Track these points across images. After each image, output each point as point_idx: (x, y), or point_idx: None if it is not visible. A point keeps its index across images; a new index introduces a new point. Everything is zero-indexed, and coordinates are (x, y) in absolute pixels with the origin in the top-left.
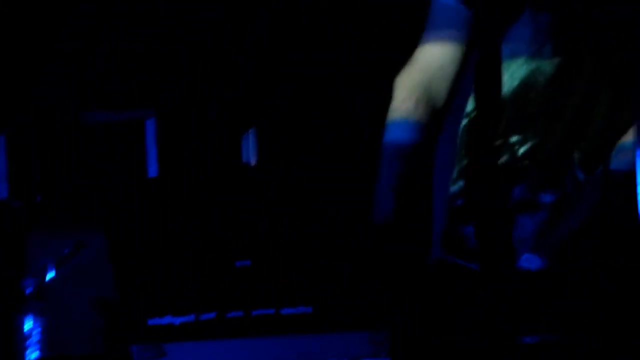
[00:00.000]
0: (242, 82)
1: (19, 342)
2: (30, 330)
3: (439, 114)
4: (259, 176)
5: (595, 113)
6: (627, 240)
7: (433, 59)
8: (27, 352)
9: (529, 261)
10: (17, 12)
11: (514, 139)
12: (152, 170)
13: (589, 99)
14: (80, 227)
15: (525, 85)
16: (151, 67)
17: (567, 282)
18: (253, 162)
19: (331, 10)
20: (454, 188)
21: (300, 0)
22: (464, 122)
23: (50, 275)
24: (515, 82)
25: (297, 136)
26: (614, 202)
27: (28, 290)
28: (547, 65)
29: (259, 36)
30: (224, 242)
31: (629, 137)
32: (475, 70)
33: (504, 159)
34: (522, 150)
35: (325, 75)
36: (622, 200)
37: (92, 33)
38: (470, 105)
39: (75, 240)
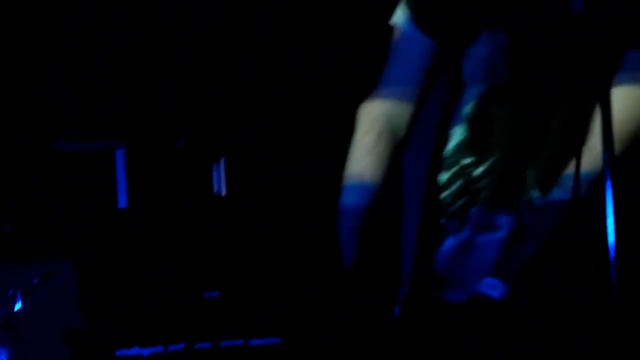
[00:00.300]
0: (215, 108)
1: None
2: None
3: (399, 145)
4: (229, 207)
5: (549, 132)
6: (580, 267)
7: (392, 103)
8: None
9: (492, 287)
10: None
11: (467, 160)
12: (122, 200)
13: (543, 118)
14: (49, 258)
15: (480, 105)
16: (121, 96)
17: (530, 310)
18: (223, 192)
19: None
20: None
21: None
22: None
23: (18, 305)
24: (471, 103)
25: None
26: (565, 229)
27: None
28: (502, 86)
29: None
30: (193, 272)
31: (573, 169)
32: (441, 97)
33: (459, 182)
34: (477, 171)
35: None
36: (570, 229)
37: (61, 62)
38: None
39: (44, 270)
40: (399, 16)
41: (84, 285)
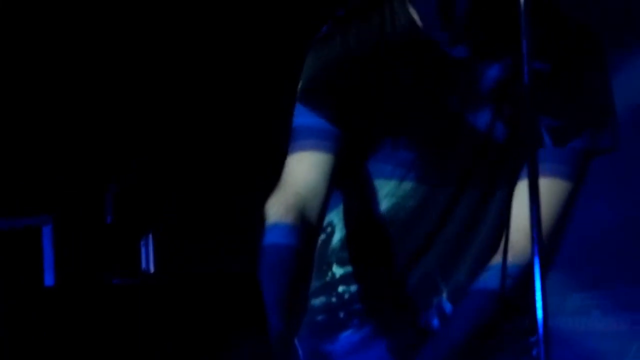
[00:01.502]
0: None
1: None
2: None
3: (313, 234)
4: (157, 284)
5: (455, 234)
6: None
7: (304, 179)
8: None
9: None
10: None
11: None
12: (49, 278)
13: (446, 219)
14: None
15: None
16: (48, 171)
17: None
18: (152, 269)
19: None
20: (315, 301)
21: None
22: (322, 236)
23: None
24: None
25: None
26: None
27: None
28: (412, 190)
29: None
30: (120, 350)
31: (497, 259)
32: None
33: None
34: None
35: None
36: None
37: None
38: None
39: None
40: (297, 115)
41: None
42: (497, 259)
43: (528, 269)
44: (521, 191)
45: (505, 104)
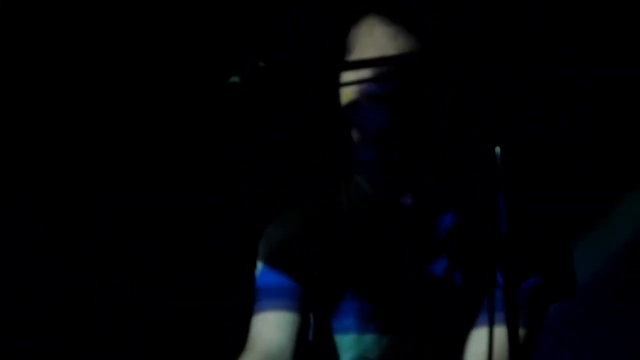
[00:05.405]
0: None
1: None
2: None
3: None
4: None
5: None
6: None
7: (272, 340)
8: None
9: None
10: None
11: None
12: None
13: None
14: None
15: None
16: None
17: None
18: None
19: None
20: None
21: None
22: None
23: None
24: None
25: None
26: None
27: None
28: (374, 342)
29: None
30: None
31: None
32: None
33: None
34: None
35: None
36: None
37: None
38: None
39: None
40: (262, 275)
41: None
42: None
43: None
44: (477, 334)
45: (461, 251)
